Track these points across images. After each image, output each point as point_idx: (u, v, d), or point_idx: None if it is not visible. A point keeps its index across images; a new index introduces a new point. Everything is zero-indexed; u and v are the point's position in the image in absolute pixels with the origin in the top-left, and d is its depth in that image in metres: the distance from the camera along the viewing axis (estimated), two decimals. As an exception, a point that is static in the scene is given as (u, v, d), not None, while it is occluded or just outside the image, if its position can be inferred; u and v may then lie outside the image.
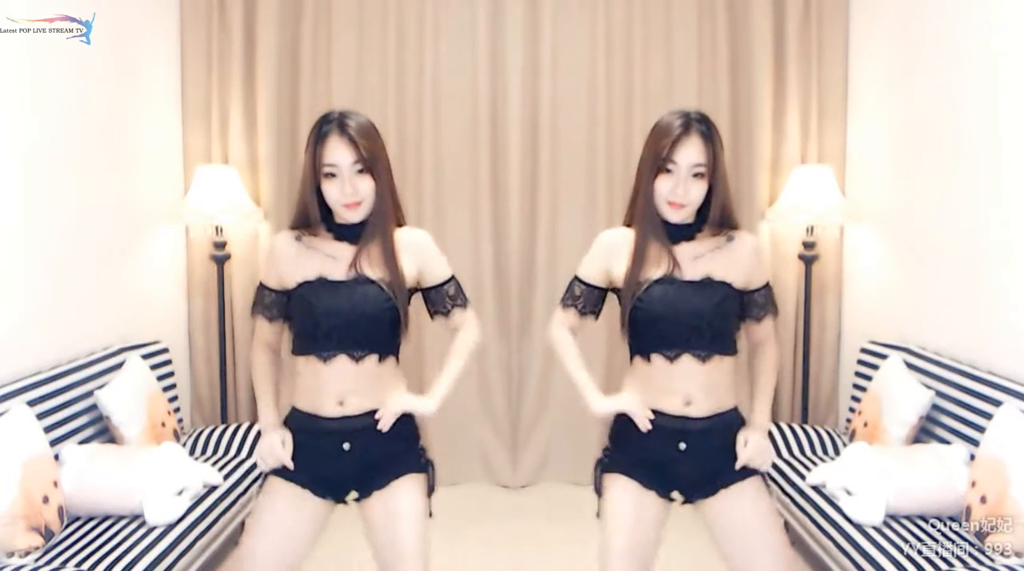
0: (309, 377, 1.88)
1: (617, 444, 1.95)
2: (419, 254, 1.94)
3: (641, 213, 1.88)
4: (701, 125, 1.83)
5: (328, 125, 1.85)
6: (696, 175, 1.82)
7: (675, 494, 1.92)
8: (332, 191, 1.83)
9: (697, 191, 1.82)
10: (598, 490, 1.97)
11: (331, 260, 1.88)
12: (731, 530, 1.88)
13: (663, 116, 1.89)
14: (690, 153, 1.81)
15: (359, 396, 1.87)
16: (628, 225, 1.95)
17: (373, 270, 1.86)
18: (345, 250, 1.89)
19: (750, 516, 1.87)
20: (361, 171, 1.83)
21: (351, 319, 1.83)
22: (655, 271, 1.86)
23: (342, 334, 1.84)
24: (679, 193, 1.82)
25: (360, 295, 1.84)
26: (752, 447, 1.88)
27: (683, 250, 1.88)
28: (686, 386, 1.86)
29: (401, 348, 1.95)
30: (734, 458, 1.90)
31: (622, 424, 1.93)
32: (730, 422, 1.92)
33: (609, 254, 1.94)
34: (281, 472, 1.91)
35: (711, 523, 1.92)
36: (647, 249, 1.87)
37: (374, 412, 1.88)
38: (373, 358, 1.87)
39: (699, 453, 1.88)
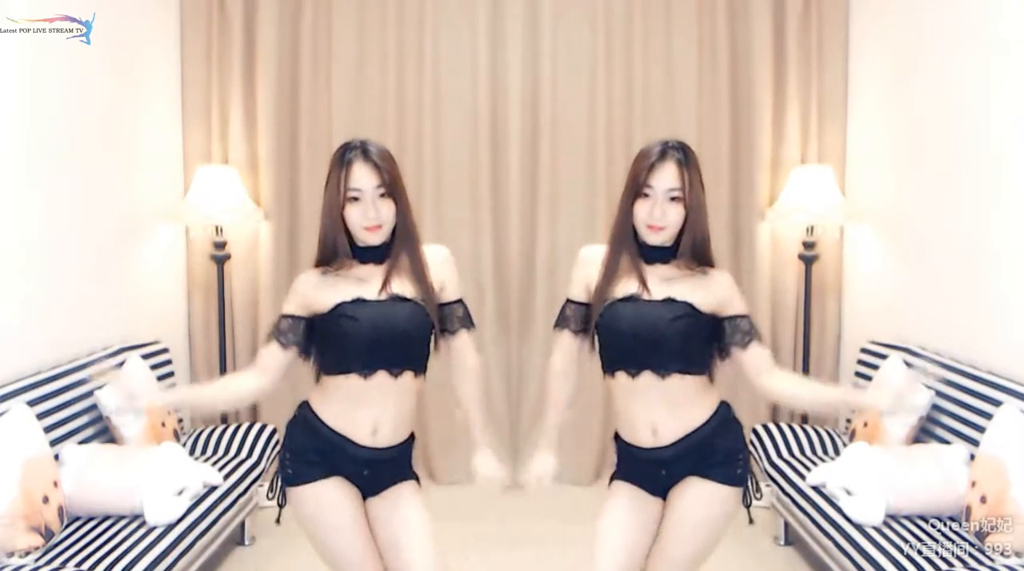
0: (346, 397, 1.91)
1: (618, 460, 2.04)
2: (441, 269, 1.98)
3: (617, 234, 1.95)
4: (678, 152, 1.90)
5: (351, 152, 1.88)
6: (672, 199, 1.88)
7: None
8: (354, 214, 1.87)
9: (674, 214, 1.88)
10: None
11: (363, 282, 1.91)
12: (675, 515, 1.94)
13: (646, 144, 1.96)
14: (665, 178, 1.87)
15: (392, 423, 1.92)
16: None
17: (404, 289, 1.90)
18: (373, 272, 1.92)
19: (681, 510, 1.92)
20: (383, 195, 1.87)
21: (392, 336, 1.87)
22: (622, 290, 1.91)
23: (383, 350, 1.87)
24: (656, 215, 1.88)
25: (399, 313, 1.88)
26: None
27: (655, 271, 1.93)
28: (649, 408, 1.90)
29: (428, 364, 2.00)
30: (709, 460, 1.92)
31: (618, 445, 2.02)
32: (705, 435, 1.93)
33: (587, 268, 1.99)
34: (304, 477, 1.91)
35: (667, 504, 1.98)
36: (618, 268, 1.94)
37: (400, 444, 1.95)
38: (409, 374, 1.91)
39: (681, 470, 1.94)
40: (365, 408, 1.90)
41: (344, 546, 1.91)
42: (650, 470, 1.94)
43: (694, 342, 1.90)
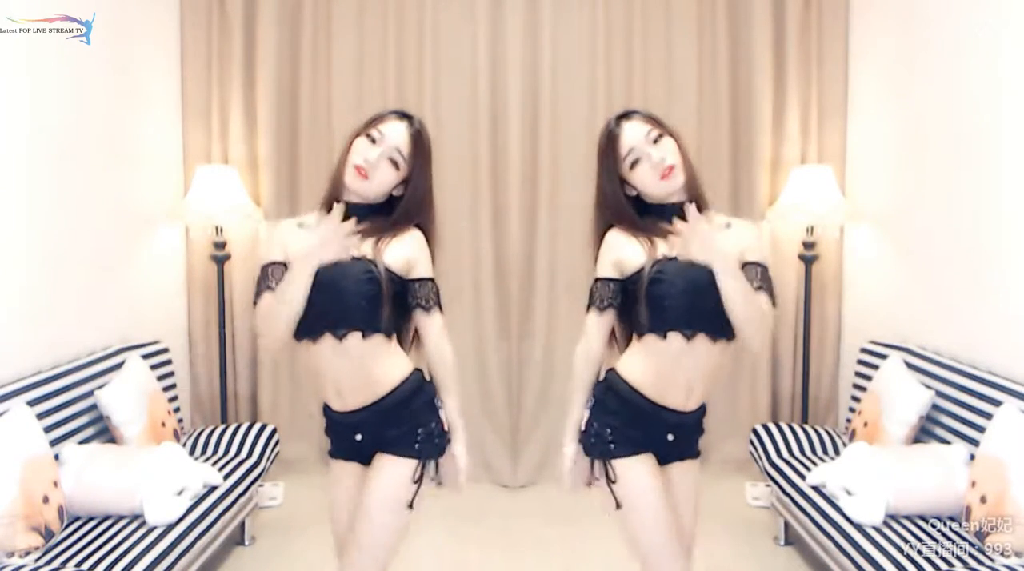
0: (311, 368, 1.93)
1: (609, 419, 1.92)
2: (410, 243, 1.93)
3: (617, 216, 1.95)
4: (630, 112, 1.92)
5: (396, 112, 1.93)
6: (656, 141, 1.86)
7: None
8: (358, 146, 1.88)
9: (669, 148, 1.86)
10: (609, 479, 1.92)
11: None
12: (680, 495, 1.98)
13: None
14: (635, 130, 1.88)
15: (352, 387, 1.88)
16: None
17: (361, 251, 1.87)
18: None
19: (684, 489, 1.99)
20: (392, 160, 1.88)
21: (331, 294, 1.83)
22: (660, 252, 1.86)
23: (324, 311, 1.83)
24: (655, 160, 1.84)
25: (341, 271, 1.84)
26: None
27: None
28: (694, 372, 1.87)
29: (396, 328, 1.94)
30: (696, 437, 2.00)
31: (608, 398, 1.93)
32: (702, 414, 2.00)
33: (619, 246, 1.92)
34: (333, 453, 2.00)
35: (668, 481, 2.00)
36: (643, 235, 1.90)
37: (371, 405, 1.89)
38: (356, 336, 1.84)
39: (680, 442, 1.96)
40: (326, 371, 1.88)
41: (336, 521, 2.00)
42: (659, 433, 1.91)
43: None
